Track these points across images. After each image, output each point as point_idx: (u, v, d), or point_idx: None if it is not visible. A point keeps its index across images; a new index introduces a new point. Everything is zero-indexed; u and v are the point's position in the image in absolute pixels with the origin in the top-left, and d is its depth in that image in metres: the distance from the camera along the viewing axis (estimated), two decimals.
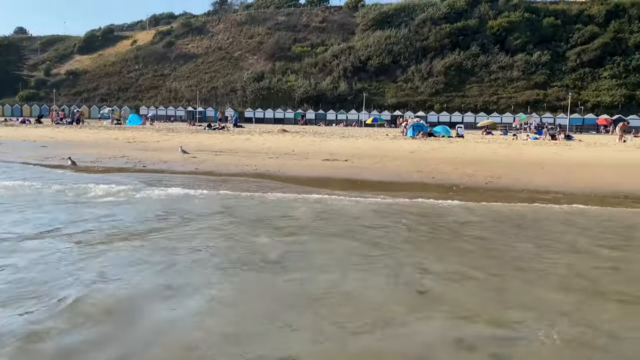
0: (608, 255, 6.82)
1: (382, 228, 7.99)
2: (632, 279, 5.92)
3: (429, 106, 79.12)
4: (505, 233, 8.04)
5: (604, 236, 7.98)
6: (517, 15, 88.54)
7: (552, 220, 9.02)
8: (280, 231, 7.70)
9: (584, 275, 5.89)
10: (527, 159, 19.11)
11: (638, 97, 74.19)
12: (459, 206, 9.95)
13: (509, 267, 6.15)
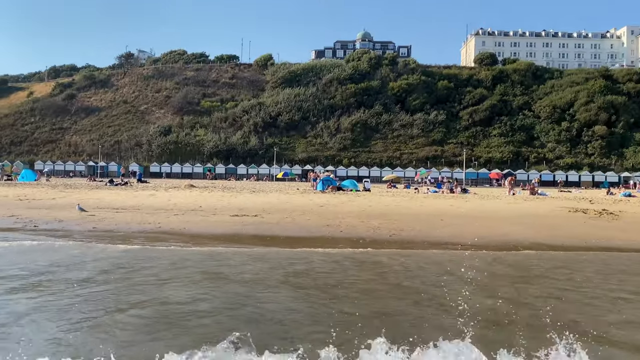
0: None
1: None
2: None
3: (338, 161, 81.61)
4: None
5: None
6: (415, 78, 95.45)
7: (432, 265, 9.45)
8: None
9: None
10: (428, 212, 20.08)
11: (523, 153, 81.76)
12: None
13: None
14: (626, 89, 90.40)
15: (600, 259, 11.46)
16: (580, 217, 19.27)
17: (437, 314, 6.52)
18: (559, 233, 15.13)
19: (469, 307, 5.76)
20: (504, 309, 6.69)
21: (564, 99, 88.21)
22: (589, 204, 25.04)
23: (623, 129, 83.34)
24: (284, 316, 6.35)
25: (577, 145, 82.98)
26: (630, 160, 78.41)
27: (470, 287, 7.44)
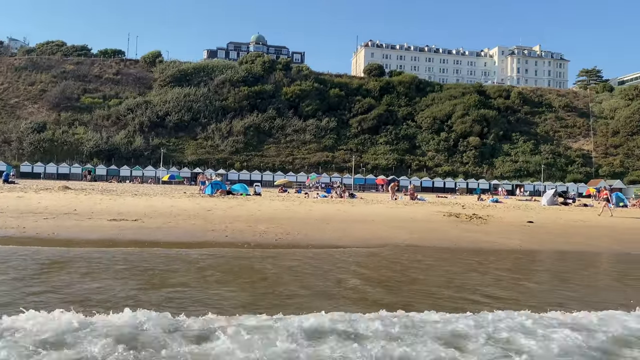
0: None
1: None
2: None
3: (230, 164, 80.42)
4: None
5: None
6: (308, 85, 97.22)
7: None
8: None
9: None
10: (316, 216, 20.43)
11: (406, 160, 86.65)
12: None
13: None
14: (496, 104, 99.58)
15: (455, 256, 12.40)
16: (453, 221, 20.74)
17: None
18: (432, 236, 16.16)
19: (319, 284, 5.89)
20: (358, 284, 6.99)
21: (443, 111, 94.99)
22: (462, 209, 27.06)
23: (493, 141, 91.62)
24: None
25: (454, 155, 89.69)
26: (499, 169, 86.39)
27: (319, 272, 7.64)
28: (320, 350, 4.96)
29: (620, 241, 17.16)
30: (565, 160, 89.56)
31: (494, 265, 11.64)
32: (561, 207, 35.25)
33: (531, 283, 9.64)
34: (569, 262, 13.07)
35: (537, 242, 16.20)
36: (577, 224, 22.10)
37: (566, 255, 14.11)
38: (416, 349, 4.94)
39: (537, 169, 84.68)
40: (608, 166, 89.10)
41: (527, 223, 21.39)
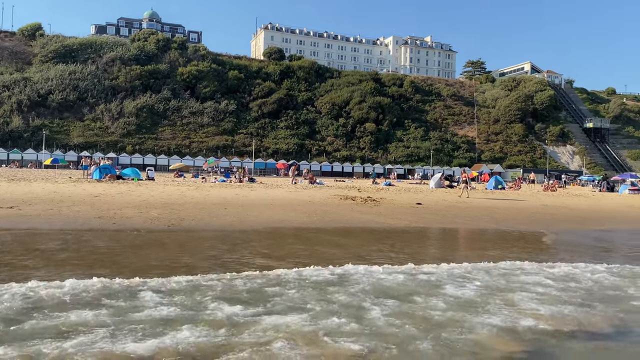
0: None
1: None
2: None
3: (121, 147, 76.10)
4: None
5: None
6: (206, 65, 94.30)
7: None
8: None
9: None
10: (213, 201, 20.02)
11: (307, 145, 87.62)
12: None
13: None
14: (391, 92, 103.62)
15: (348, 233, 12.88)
16: (349, 204, 21.39)
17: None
18: (328, 218, 16.56)
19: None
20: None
21: (342, 97, 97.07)
22: (358, 192, 27.99)
23: (388, 127, 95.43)
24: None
25: (351, 140, 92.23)
26: (393, 154, 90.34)
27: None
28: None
29: (495, 220, 18.77)
30: (452, 146, 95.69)
31: (383, 239, 12.21)
32: (447, 189, 37.72)
33: (407, 251, 10.27)
34: (445, 235, 14.07)
35: (424, 221, 17.23)
36: (460, 205, 23.81)
37: (444, 231, 15.18)
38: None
39: (427, 154, 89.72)
40: (489, 152, 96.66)
41: (416, 205, 22.65)
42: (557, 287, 7.98)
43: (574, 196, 35.61)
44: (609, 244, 14.59)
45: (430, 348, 5.22)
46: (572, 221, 19.92)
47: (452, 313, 6.40)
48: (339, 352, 5.04)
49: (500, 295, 7.34)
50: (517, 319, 6.27)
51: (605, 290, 7.94)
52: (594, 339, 5.84)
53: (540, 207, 24.71)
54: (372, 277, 8.12)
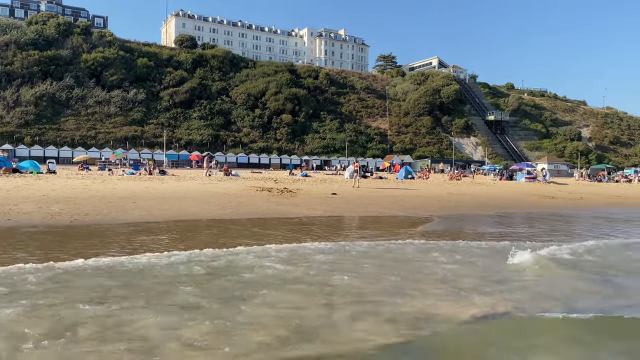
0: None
1: None
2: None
3: (18, 138, 70.41)
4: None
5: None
6: (112, 52, 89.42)
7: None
8: None
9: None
10: (121, 194, 19.11)
11: (222, 136, 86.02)
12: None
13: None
14: (306, 83, 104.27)
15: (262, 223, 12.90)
16: (265, 195, 21.33)
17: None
18: (244, 210, 16.41)
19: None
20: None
21: (257, 88, 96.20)
22: (274, 184, 27.98)
23: (304, 119, 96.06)
24: None
25: (268, 131, 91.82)
26: (310, 146, 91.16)
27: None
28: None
29: (405, 207, 19.58)
30: (365, 137, 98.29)
31: (296, 228, 12.32)
32: (362, 179, 38.71)
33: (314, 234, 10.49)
34: (351, 222, 14.48)
35: (338, 211, 17.60)
36: (373, 194, 24.56)
37: (350, 219, 15.62)
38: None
39: (342, 146, 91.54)
40: (400, 143, 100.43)
41: (331, 195, 23.05)
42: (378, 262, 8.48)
43: (477, 184, 38.00)
44: (473, 225, 15.74)
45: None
46: (472, 206, 21.25)
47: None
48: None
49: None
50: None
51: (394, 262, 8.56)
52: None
53: (447, 195, 26.11)
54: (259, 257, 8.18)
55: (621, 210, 23.27)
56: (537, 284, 7.65)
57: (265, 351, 4.81)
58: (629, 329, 5.88)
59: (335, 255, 9.31)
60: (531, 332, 5.66)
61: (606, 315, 6.16)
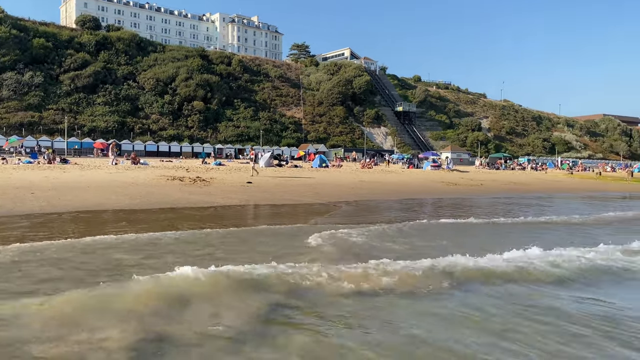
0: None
1: None
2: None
3: None
4: None
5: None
6: (4, 31, 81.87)
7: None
8: None
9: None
10: (16, 184, 17.73)
11: (128, 123, 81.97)
12: None
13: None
14: (219, 69, 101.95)
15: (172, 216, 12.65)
16: (177, 185, 20.76)
17: None
18: (154, 199, 15.88)
19: None
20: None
21: (167, 73, 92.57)
22: (186, 173, 27.28)
23: (217, 106, 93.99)
24: None
25: (178, 118, 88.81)
26: (223, 134, 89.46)
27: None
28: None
29: (320, 195, 19.94)
30: (280, 126, 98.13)
31: (210, 217, 12.18)
32: (276, 168, 38.79)
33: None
34: (263, 211, 14.60)
35: (254, 199, 17.56)
36: (289, 183, 24.74)
37: (264, 206, 15.73)
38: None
39: (257, 134, 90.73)
40: (315, 132, 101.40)
41: (246, 184, 22.91)
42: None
43: (388, 172, 39.48)
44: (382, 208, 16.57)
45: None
46: (383, 193, 22.11)
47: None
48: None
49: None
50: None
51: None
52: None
53: (359, 183, 26.91)
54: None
55: (515, 195, 25.32)
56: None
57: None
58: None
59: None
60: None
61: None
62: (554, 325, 5.50)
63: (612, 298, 6.60)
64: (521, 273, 7.55)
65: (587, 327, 5.48)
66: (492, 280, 7.19)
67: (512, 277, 7.39)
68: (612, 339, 5.17)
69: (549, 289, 6.98)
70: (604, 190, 32.99)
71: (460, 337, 5.06)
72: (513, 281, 7.23)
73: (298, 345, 4.76)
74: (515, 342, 5.01)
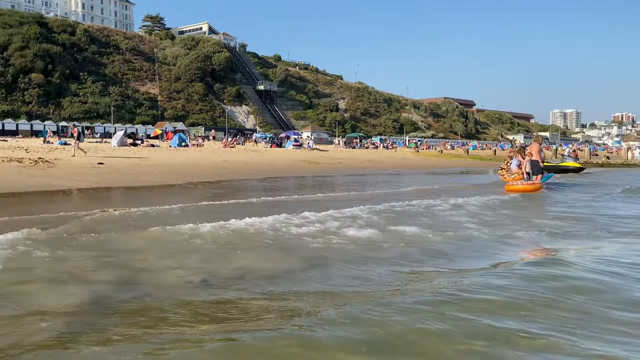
0: None
1: None
2: None
3: None
4: None
5: None
6: None
7: None
8: None
9: None
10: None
11: None
12: None
13: None
14: (61, 39, 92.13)
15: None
16: (15, 166, 18.57)
17: None
18: None
19: None
20: None
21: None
22: (26, 153, 24.52)
23: (60, 79, 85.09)
24: None
25: (13, 92, 78.78)
26: (68, 110, 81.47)
27: None
28: None
29: (181, 175, 19.29)
30: (134, 102, 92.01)
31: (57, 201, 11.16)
32: (130, 147, 36.53)
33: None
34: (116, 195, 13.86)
35: (106, 181, 16.40)
36: (146, 163, 23.49)
37: (102, 190, 14.89)
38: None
39: (107, 111, 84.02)
40: (172, 109, 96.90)
41: (97, 165, 21.28)
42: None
43: (251, 151, 39.46)
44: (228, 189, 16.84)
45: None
46: (246, 173, 22.11)
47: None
48: None
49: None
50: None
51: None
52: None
53: (222, 163, 26.52)
54: None
55: (370, 172, 27.01)
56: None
57: None
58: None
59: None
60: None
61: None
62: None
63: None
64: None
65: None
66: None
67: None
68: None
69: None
70: (445, 167, 36.69)
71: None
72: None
73: None
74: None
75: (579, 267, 5.86)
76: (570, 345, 3.60)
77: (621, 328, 4.00)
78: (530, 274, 5.52)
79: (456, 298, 4.57)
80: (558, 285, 5.09)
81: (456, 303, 4.41)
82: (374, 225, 9.04)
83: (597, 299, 4.73)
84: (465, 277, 5.50)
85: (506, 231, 8.87)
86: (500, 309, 4.34)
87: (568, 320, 4.12)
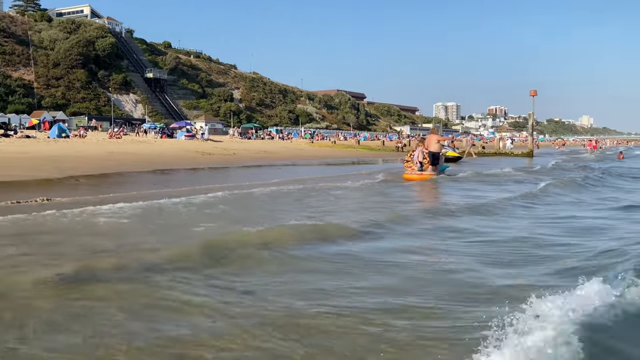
0: None
1: None
2: None
3: None
4: None
5: None
6: None
7: None
8: None
9: None
10: None
11: None
12: None
13: None
14: None
15: None
16: None
17: None
18: None
19: None
20: None
21: None
22: None
23: None
24: None
25: None
26: None
27: None
28: None
29: (61, 169, 18.04)
30: (5, 89, 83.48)
31: None
32: (2, 139, 33.27)
33: None
34: None
35: None
36: (20, 156, 21.63)
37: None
38: None
39: None
40: (51, 97, 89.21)
41: None
42: None
43: (140, 142, 37.75)
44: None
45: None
46: (134, 165, 21.21)
47: None
48: None
49: None
50: None
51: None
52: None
53: (107, 154, 25.15)
54: None
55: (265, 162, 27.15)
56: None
57: None
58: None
59: None
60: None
61: None
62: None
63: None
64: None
65: None
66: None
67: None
68: None
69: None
70: (338, 157, 37.86)
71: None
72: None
73: None
74: None
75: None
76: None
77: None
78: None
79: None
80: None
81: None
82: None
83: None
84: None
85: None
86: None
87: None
